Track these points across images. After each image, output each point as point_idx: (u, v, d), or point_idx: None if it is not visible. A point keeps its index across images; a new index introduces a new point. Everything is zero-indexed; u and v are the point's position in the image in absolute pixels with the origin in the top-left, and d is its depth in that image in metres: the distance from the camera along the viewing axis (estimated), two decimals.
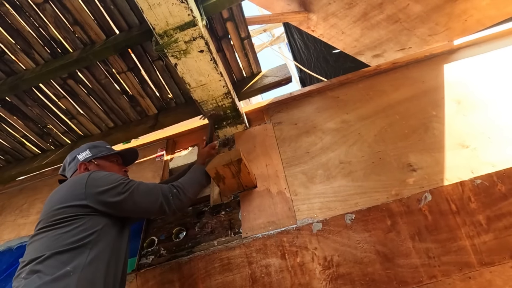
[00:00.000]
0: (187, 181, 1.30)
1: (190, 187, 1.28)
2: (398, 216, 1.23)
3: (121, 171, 1.32)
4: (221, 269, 1.28)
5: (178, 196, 1.20)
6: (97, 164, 1.25)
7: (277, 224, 1.32)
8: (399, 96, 1.63)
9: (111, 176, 1.12)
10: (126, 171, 1.34)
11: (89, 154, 1.26)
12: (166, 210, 1.15)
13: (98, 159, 1.27)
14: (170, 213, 1.17)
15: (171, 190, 1.20)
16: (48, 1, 1.49)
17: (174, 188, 1.21)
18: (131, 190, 1.11)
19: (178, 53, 1.38)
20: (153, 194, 1.15)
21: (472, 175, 1.25)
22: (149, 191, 1.15)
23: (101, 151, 1.29)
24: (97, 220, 1.02)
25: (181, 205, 1.20)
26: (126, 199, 1.08)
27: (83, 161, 1.24)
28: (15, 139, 2.04)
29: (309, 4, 2.77)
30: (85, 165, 1.23)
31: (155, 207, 1.14)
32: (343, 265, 1.19)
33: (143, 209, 1.14)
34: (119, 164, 1.35)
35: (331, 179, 1.41)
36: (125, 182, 1.12)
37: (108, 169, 1.26)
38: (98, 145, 1.33)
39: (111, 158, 1.32)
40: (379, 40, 2.66)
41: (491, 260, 1.11)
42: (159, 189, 1.18)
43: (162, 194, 1.16)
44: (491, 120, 1.40)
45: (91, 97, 1.88)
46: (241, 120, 1.76)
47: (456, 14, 2.15)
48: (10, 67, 1.70)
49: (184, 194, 1.22)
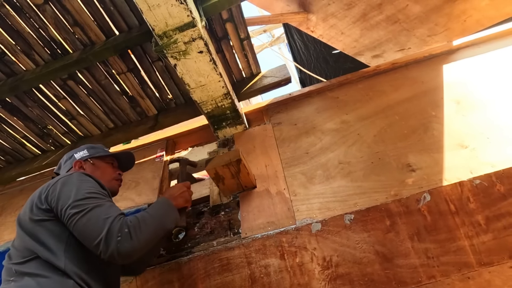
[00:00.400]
0: (148, 219, 1.00)
1: (149, 229, 0.97)
2: (397, 216, 1.23)
3: (115, 173, 1.28)
4: (221, 269, 1.28)
5: (127, 239, 0.90)
6: (93, 163, 1.23)
7: (277, 225, 1.32)
8: (398, 97, 1.63)
9: (83, 182, 1.01)
10: (120, 173, 1.31)
11: (86, 153, 1.24)
12: (103, 252, 0.88)
13: (94, 158, 1.25)
14: (108, 258, 0.88)
15: (122, 229, 0.90)
16: (48, 2, 1.50)
17: (126, 226, 0.92)
18: (83, 208, 0.93)
19: (177, 54, 1.38)
20: (98, 225, 0.90)
21: (471, 175, 1.25)
22: (97, 219, 0.91)
23: (98, 152, 1.28)
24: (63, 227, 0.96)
25: (128, 251, 0.89)
26: (71, 216, 0.92)
27: (79, 159, 1.22)
28: (15, 140, 2.05)
29: (308, 5, 2.77)
30: (80, 163, 1.21)
31: (93, 243, 0.89)
32: (342, 265, 1.19)
33: (82, 238, 0.93)
34: (114, 166, 1.32)
35: (331, 180, 1.41)
36: (87, 195, 0.96)
37: (102, 170, 1.24)
38: (96, 146, 1.32)
39: (107, 159, 1.30)
40: (378, 41, 2.67)
41: (490, 260, 1.11)
42: (109, 222, 0.91)
43: (108, 231, 0.89)
44: (490, 121, 1.40)
45: (91, 98, 1.89)
46: (241, 121, 1.76)
47: (455, 14, 2.15)
48: (10, 68, 1.71)
49: (137, 238, 0.92)
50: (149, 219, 1.00)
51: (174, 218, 1.11)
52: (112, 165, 1.30)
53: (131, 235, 0.91)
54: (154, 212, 1.06)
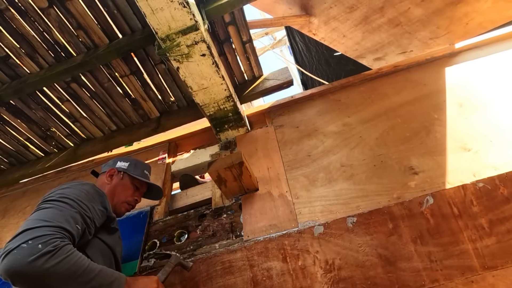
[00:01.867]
0: (80, 265, 0.77)
1: (70, 270, 0.75)
2: (400, 219, 1.23)
3: (132, 197, 1.27)
4: (223, 272, 1.28)
5: (31, 251, 0.70)
6: (121, 178, 1.26)
7: (279, 227, 1.32)
8: (400, 99, 1.63)
9: (65, 189, 0.95)
10: (136, 199, 1.30)
11: (125, 167, 1.27)
12: None
13: (127, 175, 1.27)
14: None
15: (38, 240, 0.72)
16: (53, 5, 1.51)
17: (50, 243, 0.73)
18: (36, 209, 0.86)
19: (180, 57, 1.39)
20: (28, 222, 0.79)
21: (474, 178, 1.25)
22: (28, 222, 0.79)
23: (135, 172, 1.28)
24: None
25: (16, 267, 0.69)
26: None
27: (116, 167, 1.26)
28: (19, 142, 2.06)
29: (310, 8, 2.78)
30: (113, 171, 1.26)
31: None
32: (345, 269, 1.18)
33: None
34: (139, 191, 1.31)
35: (333, 182, 1.41)
36: (50, 198, 0.89)
37: (124, 188, 1.25)
38: (139, 165, 1.33)
39: (136, 181, 1.29)
40: (380, 44, 2.67)
41: (494, 264, 1.10)
42: (34, 225, 0.76)
43: (21, 232, 0.75)
44: (493, 123, 1.40)
45: (94, 100, 1.90)
46: (243, 123, 1.77)
47: (457, 17, 2.16)
48: (14, 71, 1.72)
49: (46, 263, 0.71)
50: (81, 267, 0.77)
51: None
52: (135, 189, 1.30)
53: (40, 254, 0.70)
54: (96, 268, 0.81)
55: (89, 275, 0.78)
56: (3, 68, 1.70)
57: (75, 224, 0.85)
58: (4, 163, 2.18)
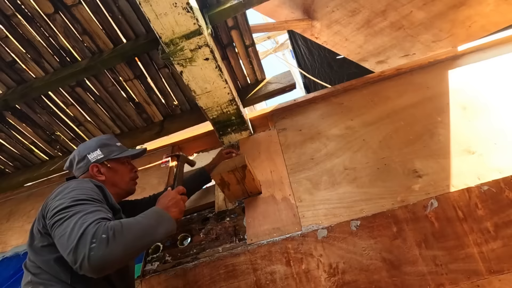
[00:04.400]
0: (135, 227, 0.88)
1: (132, 237, 0.85)
2: (404, 222, 1.22)
3: (132, 172, 1.25)
4: (226, 276, 1.27)
5: (103, 246, 0.78)
6: (110, 167, 1.17)
7: (282, 231, 1.32)
8: (403, 102, 1.63)
9: (73, 191, 0.94)
10: (136, 171, 1.28)
11: (101, 154, 1.17)
12: (72, 263, 0.78)
13: (111, 161, 1.19)
14: (78, 268, 0.77)
15: (98, 233, 0.79)
16: (58, 11, 1.54)
17: (105, 232, 0.80)
18: (61, 217, 0.86)
19: (184, 61, 1.40)
20: (72, 231, 0.80)
21: (479, 181, 1.24)
22: (72, 226, 0.82)
23: (113, 151, 1.20)
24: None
25: (104, 258, 0.77)
26: (50, 227, 0.87)
27: (95, 162, 1.15)
28: (24, 146, 2.08)
29: (312, 12, 2.80)
30: (97, 167, 1.15)
31: (65, 252, 0.80)
32: (349, 273, 1.18)
33: (61, 253, 0.83)
34: (130, 164, 1.27)
35: (336, 186, 1.40)
36: (70, 204, 0.88)
37: (121, 172, 1.20)
38: (108, 142, 1.23)
39: (123, 159, 1.24)
40: (382, 47, 2.68)
41: (500, 268, 1.09)
42: (84, 227, 0.80)
43: (80, 237, 0.78)
44: (497, 126, 1.39)
45: (99, 105, 1.92)
46: (246, 127, 1.77)
47: (460, 20, 2.16)
48: (20, 76, 1.75)
49: (117, 245, 0.80)
50: (135, 226, 0.88)
51: (165, 229, 0.96)
52: (128, 163, 1.26)
53: (108, 241, 0.79)
54: (142, 219, 0.93)
55: (148, 226, 0.92)
56: (10, 73, 1.73)
57: (106, 213, 0.91)
58: (9, 167, 2.20)
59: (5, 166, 2.20)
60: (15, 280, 1.61)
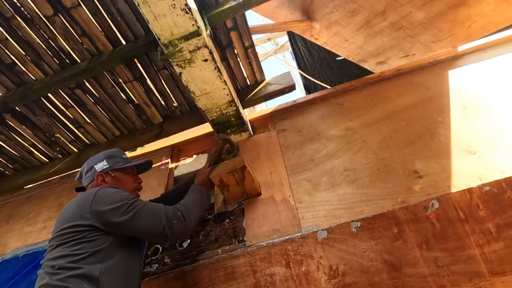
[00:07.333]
0: (191, 203, 1.23)
1: (194, 211, 1.21)
2: (404, 224, 1.21)
3: (136, 182, 1.34)
4: (225, 278, 1.27)
5: (182, 220, 1.14)
6: (114, 176, 1.27)
7: (282, 232, 1.31)
8: (404, 103, 1.62)
9: (117, 194, 1.11)
10: (140, 182, 1.36)
11: (106, 165, 1.28)
12: (168, 234, 1.09)
13: (115, 171, 1.29)
14: (173, 238, 1.11)
15: (176, 213, 1.14)
16: (58, 13, 1.54)
17: (178, 211, 1.15)
18: (135, 211, 1.08)
19: (183, 62, 1.40)
20: (156, 216, 1.11)
21: (480, 182, 1.23)
22: (153, 213, 1.11)
23: (118, 162, 1.31)
24: (104, 239, 1.03)
25: (184, 230, 1.13)
26: (128, 220, 1.06)
27: (100, 172, 1.26)
28: (23, 148, 2.08)
29: (312, 13, 2.80)
30: (102, 176, 1.25)
31: (158, 231, 1.09)
32: (349, 274, 1.17)
33: (145, 232, 1.10)
34: (134, 174, 1.36)
35: (336, 187, 1.39)
36: (130, 202, 1.10)
37: (124, 181, 1.29)
38: (114, 155, 1.34)
39: (127, 169, 1.33)
40: (382, 47, 2.67)
41: (503, 270, 1.08)
42: (163, 211, 1.13)
43: (166, 217, 1.11)
44: (497, 126, 1.38)
45: (98, 106, 1.92)
46: (245, 128, 1.77)
47: (459, 20, 2.15)
48: (20, 78, 1.75)
49: (189, 218, 1.16)
50: (193, 204, 1.23)
51: (208, 200, 1.34)
52: (132, 174, 1.35)
53: (184, 217, 1.14)
54: (195, 198, 1.28)
55: (200, 203, 1.28)
56: (9, 75, 1.73)
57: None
58: (9, 169, 2.20)
59: (5, 168, 2.20)
60: (15, 282, 1.61)
